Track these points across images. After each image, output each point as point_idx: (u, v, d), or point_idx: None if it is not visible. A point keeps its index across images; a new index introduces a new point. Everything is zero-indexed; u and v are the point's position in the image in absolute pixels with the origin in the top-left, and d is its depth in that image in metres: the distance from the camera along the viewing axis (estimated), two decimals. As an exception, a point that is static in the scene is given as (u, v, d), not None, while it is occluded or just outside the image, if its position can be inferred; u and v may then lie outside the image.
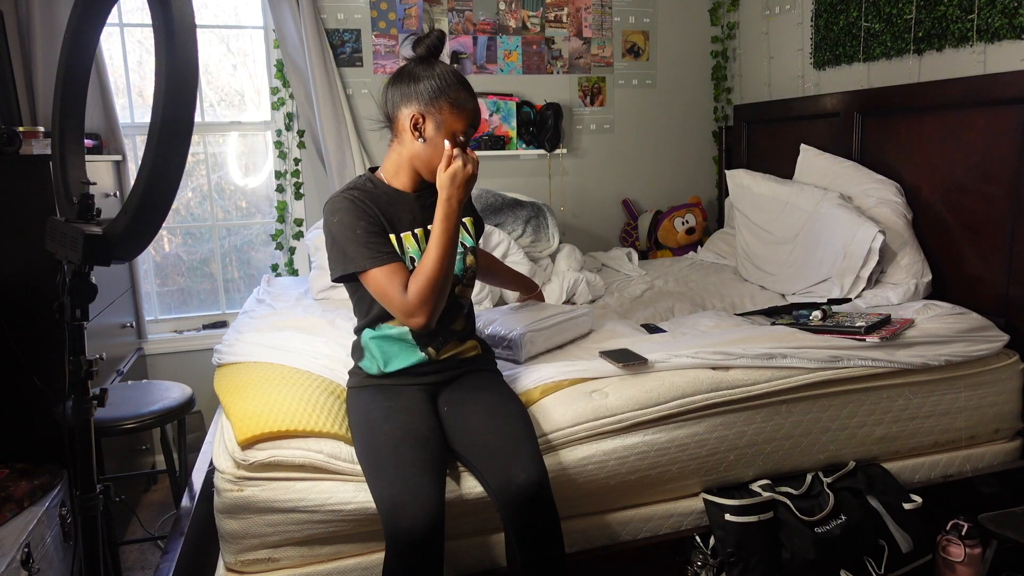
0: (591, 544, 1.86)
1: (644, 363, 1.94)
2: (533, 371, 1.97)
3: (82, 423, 1.32)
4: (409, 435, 1.58)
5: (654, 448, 1.85)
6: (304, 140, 3.35)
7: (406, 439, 1.57)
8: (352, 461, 1.65)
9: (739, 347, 2.00)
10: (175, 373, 3.24)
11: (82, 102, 1.46)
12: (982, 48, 2.47)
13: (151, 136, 1.16)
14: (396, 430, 1.59)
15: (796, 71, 3.39)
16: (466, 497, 1.68)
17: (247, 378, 1.93)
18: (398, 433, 1.58)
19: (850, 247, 2.54)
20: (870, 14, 2.91)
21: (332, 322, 2.37)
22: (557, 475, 1.75)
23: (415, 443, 1.57)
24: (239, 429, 1.63)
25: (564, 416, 1.80)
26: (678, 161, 3.94)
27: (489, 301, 2.64)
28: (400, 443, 1.56)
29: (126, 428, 2.12)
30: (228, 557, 1.65)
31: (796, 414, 1.99)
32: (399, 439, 1.57)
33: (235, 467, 1.61)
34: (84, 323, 1.32)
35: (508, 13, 3.54)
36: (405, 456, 1.53)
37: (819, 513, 1.92)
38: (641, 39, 3.78)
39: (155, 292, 3.41)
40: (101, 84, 2.95)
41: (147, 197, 1.18)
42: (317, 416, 1.71)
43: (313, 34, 3.13)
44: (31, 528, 1.88)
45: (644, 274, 3.23)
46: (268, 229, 3.48)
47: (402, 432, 1.59)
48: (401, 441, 1.56)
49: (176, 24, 1.13)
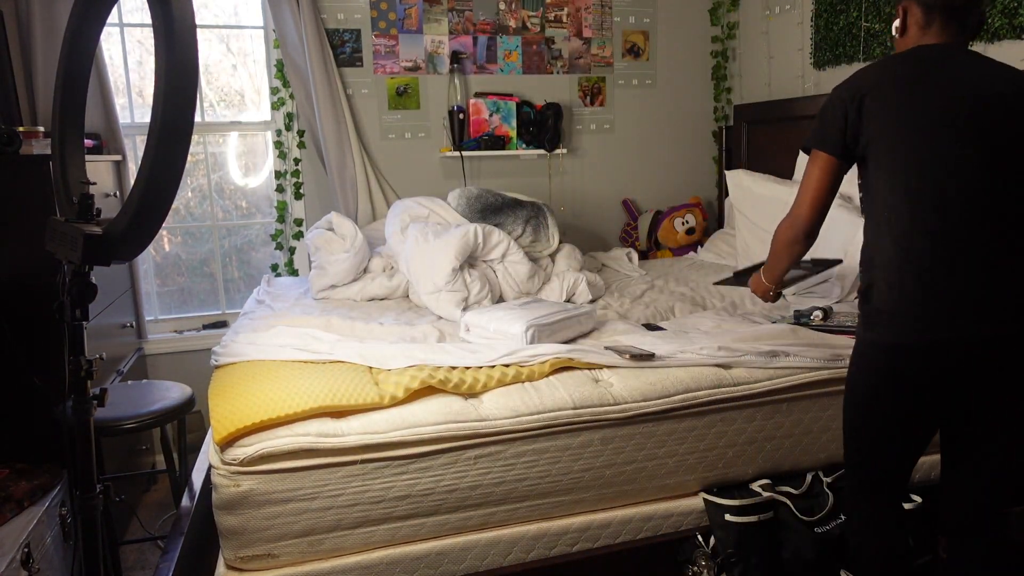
0: (592, 543, 1.87)
1: (650, 357, 1.95)
2: (543, 345, 2.02)
3: (82, 423, 1.32)
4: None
5: (651, 439, 1.86)
6: (304, 140, 3.35)
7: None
8: (343, 434, 1.65)
9: (744, 344, 2.02)
10: (175, 373, 3.24)
11: (82, 102, 1.46)
12: (982, 48, 2.47)
13: (151, 136, 1.16)
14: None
15: (796, 71, 3.39)
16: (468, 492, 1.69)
17: (235, 378, 1.93)
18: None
19: (850, 247, 2.53)
20: (870, 14, 2.91)
21: (328, 321, 2.38)
22: (555, 458, 1.77)
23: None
24: (216, 430, 1.65)
25: (569, 397, 1.82)
26: (678, 161, 3.94)
27: (489, 300, 2.65)
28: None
29: (126, 428, 2.12)
30: (228, 554, 1.65)
31: (797, 412, 2.00)
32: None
33: (225, 465, 1.62)
34: (84, 323, 1.32)
35: (508, 13, 3.54)
36: None
37: (819, 513, 1.92)
38: (641, 39, 3.77)
39: (155, 292, 3.41)
40: (101, 84, 2.95)
41: (147, 197, 1.18)
42: (298, 398, 1.71)
43: (313, 34, 3.13)
44: (31, 528, 1.88)
45: (644, 274, 3.23)
46: (268, 229, 3.48)
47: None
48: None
49: (176, 24, 1.13)
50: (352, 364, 1.98)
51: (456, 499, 1.74)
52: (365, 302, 2.84)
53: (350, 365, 1.97)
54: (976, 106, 1.46)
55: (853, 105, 1.54)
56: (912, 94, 1.50)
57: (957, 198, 1.45)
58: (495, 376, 1.87)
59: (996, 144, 1.45)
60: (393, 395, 1.76)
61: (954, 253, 1.45)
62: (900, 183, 1.49)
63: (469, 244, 2.67)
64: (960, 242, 1.45)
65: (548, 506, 1.84)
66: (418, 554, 1.74)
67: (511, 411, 1.77)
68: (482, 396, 1.83)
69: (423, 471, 1.71)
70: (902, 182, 1.49)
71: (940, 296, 1.45)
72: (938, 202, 1.46)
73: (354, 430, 1.67)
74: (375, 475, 1.67)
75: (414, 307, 2.75)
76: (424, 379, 1.80)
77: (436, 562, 1.75)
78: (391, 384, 1.80)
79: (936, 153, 1.47)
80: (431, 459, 1.71)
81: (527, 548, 1.82)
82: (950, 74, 1.50)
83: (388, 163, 3.48)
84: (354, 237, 2.87)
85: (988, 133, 1.46)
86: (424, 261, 2.66)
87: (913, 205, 1.48)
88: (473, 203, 3.06)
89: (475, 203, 3.06)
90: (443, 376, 1.83)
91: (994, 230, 1.45)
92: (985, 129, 1.46)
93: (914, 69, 1.53)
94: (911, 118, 1.49)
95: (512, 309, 2.26)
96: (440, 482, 1.72)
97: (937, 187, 1.46)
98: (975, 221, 1.45)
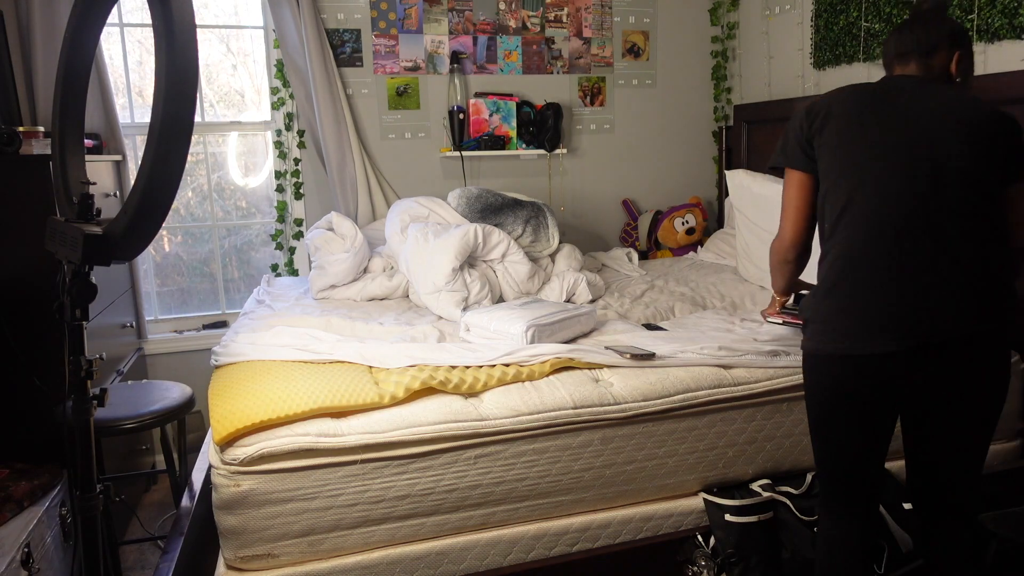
0: (592, 543, 1.87)
1: (651, 357, 1.95)
2: (543, 345, 2.02)
3: (82, 423, 1.32)
4: None
5: (651, 439, 1.86)
6: (304, 140, 3.35)
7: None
8: (343, 434, 1.65)
9: (744, 344, 2.02)
10: (175, 373, 3.24)
11: (82, 102, 1.46)
12: (982, 48, 2.47)
13: (151, 136, 1.16)
14: None
15: (796, 71, 3.39)
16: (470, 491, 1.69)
17: (235, 378, 1.93)
18: None
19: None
20: (870, 14, 2.91)
21: (328, 321, 2.38)
22: (555, 457, 1.77)
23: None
24: (215, 430, 1.65)
25: (569, 397, 1.82)
26: (678, 161, 3.94)
27: (489, 300, 2.65)
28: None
29: (126, 428, 2.12)
30: (228, 554, 1.65)
31: (797, 412, 2.00)
32: None
33: (225, 465, 1.62)
34: (84, 323, 1.32)
35: (508, 13, 3.54)
36: None
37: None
38: (641, 39, 3.77)
39: (155, 292, 3.41)
40: (101, 84, 2.95)
41: (147, 197, 1.18)
42: (298, 398, 1.71)
43: (313, 34, 3.13)
44: (31, 528, 1.88)
45: (644, 274, 3.23)
46: (268, 229, 3.48)
47: None
48: None
49: (176, 24, 1.13)
50: (352, 364, 1.98)
51: (456, 499, 1.74)
52: (365, 302, 2.84)
53: (350, 365, 1.97)
54: (923, 131, 1.48)
55: (808, 121, 1.61)
56: (861, 114, 1.54)
57: (888, 216, 1.47)
58: (495, 376, 1.87)
59: (938, 167, 1.46)
60: (393, 395, 1.76)
61: (874, 270, 1.47)
62: (834, 199, 1.54)
63: (469, 244, 2.67)
64: (881, 258, 1.47)
65: (548, 506, 1.84)
66: (418, 554, 1.74)
67: (511, 411, 1.77)
68: (482, 396, 1.83)
69: (423, 471, 1.71)
70: (836, 198, 1.54)
71: (851, 312, 1.49)
72: (865, 219, 1.49)
73: (354, 430, 1.67)
74: (375, 475, 1.67)
75: (414, 307, 2.75)
76: (425, 380, 1.80)
77: (436, 562, 1.75)
78: (391, 384, 1.80)
79: (872, 170, 1.49)
80: (431, 459, 1.71)
81: (527, 548, 1.82)
82: (907, 100, 1.53)
83: (388, 163, 3.48)
84: (354, 237, 2.87)
85: (931, 157, 1.47)
86: (424, 261, 2.66)
87: (844, 219, 1.52)
88: (473, 203, 3.06)
89: (475, 203, 3.06)
90: (443, 376, 1.83)
91: (925, 245, 1.45)
92: (928, 154, 1.47)
93: (873, 93, 1.57)
94: (854, 136, 1.53)
95: (512, 309, 2.26)
96: (440, 482, 1.72)
97: (869, 205, 1.49)
98: (902, 237, 1.46)
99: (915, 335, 1.44)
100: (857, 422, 1.55)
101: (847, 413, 1.55)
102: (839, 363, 1.51)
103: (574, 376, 1.91)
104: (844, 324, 1.50)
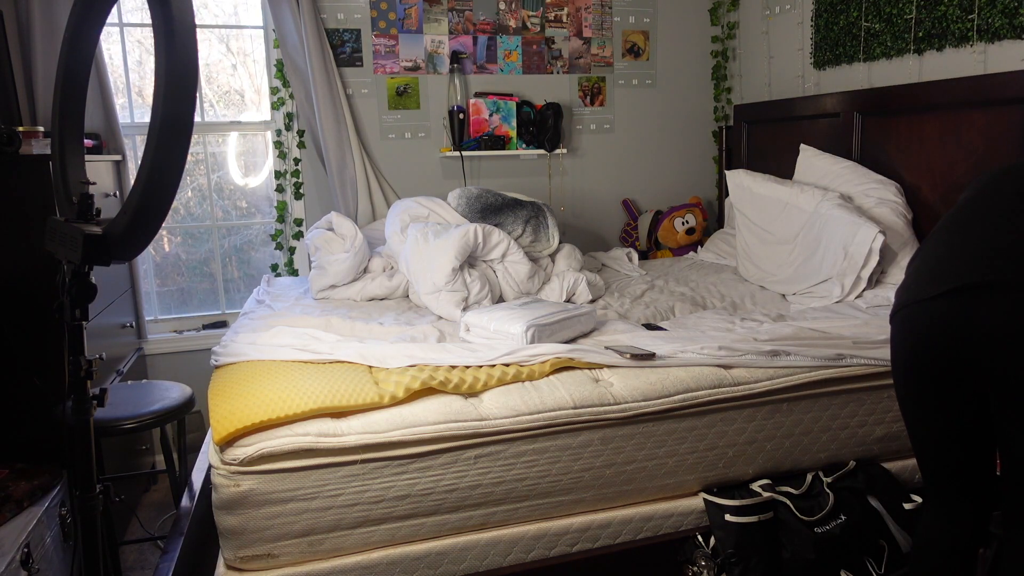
0: (592, 544, 1.87)
1: (651, 357, 1.95)
2: (543, 345, 2.02)
3: (82, 423, 1.32)
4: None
5: (651, 439, 1.86)
6: (304, 140, 3.35)
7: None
8: (343, 434, 1.65)
9: (744, 344, 2.02)
10: (175, 373, 3.24)
11: (82, 102, 1.46)
12: (982, 48, 2.47)
13: (151, 136, 1.16)
14: None
15: (796, 71, 3.39)
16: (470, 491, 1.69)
17: (235, 378, 1.93)
18: None
19: (850, 247, 2.54)
20: (870, 14, 2.91)
21: (328, 321, 2.38)
22: (555, 457, 1.77)
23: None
24: (215, 430, 1.65)
25: (569, 397, 1.82)
26: (678, 161, 3.94)
27: (489, 300, 2.65)
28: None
29: (126, 428, 2.12)
30: (228, 554, 1.65)
31: (797, 412, 2.00)
32: None
33: (225, 465, 1.62)
34: (84, 323, 1.32)
35: (508, 13, 3.54)
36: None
37: (819, 513, 1.92)
38: (641, 39, 3.77)
39: (155, 292, 3.41)
40: (101, 84, 2.95)
41: (147, 197, 1.18)
42: (298, 398, 1.71)
43: (313, 34, 3.13)
44: (31, 528, 1.88)
45: (644, 274, 3.23)
46: (268, 229, 3.48)
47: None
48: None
49: (176, 24, 1.13)
50: (352, 364, 1.98)
51: (456, 499, 1.74)
52: (365, 302, 2.84)
53: (350, 365, 1.97)
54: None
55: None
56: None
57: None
58: (495, 375, 1.87)
59: None
60: (393, 395, 1.76)
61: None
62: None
63: (469, 244, 2.67)
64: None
65: (548, 506, 1.84)
66: (418, 554, 1.74)
67: (511, 410, 1.77)
68: (482, 395, 1.83)
69: (423, 471, 1.71)
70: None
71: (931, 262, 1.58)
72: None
73: (354, 430, 1.67)
74: (375, 475, 1.67)
75: (414, 307, 2.75)
76: (425, 380, 1.80)
77: (436, 562, 1.75)
78: (391, 384, 1.80)
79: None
80: (431, 459, 1.71)
81: (527, 548, 1.82)
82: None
83: (388, 163, 3.48)
84: (354, 237, 2.87)
85: None
86: (424, 261, 2.66)
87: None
88: (473, 203, 3.06)
89: (475, 203, 3.06)
90: (443, 376, 1.83)
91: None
92: None
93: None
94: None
95: (512, 309, 2.26)
96: (440, 482, 1.72)
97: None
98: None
99: (950, 279, 1.48)
100: (931, 390, 1.55)
101: (905, 376, 1.59)
102: (896, 320, 1.59)
103: (574, 376, 1.91)
104: (904, 283, 1.61)
